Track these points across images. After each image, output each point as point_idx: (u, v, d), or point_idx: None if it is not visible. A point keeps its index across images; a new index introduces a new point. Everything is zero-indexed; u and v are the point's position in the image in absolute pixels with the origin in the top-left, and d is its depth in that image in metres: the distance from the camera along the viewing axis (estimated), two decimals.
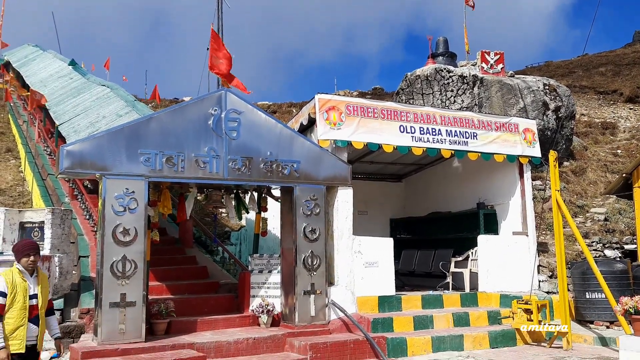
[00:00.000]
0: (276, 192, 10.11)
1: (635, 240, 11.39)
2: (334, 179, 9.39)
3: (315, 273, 8.87)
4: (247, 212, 10.68)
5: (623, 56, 38.56)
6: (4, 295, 4.67)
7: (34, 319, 4.83)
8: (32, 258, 4.88)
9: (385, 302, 9.67)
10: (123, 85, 17.85)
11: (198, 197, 10.30)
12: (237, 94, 8.96)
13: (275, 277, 9.32)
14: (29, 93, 18.94)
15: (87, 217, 11.98)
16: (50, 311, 5.15)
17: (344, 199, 9.70)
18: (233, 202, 10.20)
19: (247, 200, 10.50)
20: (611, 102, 27.74)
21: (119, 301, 7.31)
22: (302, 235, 8.87)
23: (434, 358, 8.30)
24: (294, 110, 13.56)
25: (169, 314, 8.14)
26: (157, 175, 7.89)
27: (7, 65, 29.53)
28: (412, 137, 10.55)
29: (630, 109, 26.61)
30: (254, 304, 9.07)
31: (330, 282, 9.31)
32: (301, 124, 10.49)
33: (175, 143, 8.03)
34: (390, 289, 9.93)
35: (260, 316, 8.86)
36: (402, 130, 10.47)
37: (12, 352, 4.63)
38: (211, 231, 12.14)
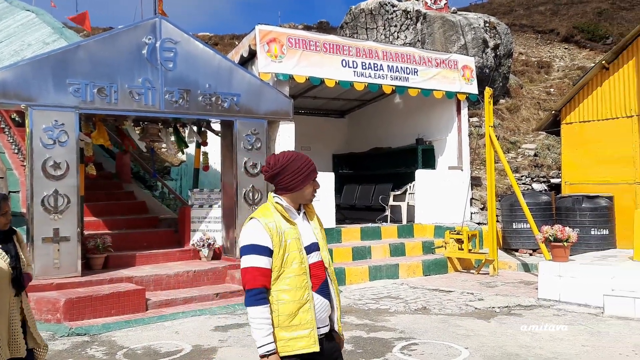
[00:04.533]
0: (216, 126, 9.93)
1: (560, 175, 12.07)
2: (275, 113, 9.29)
3: (256, 207, 8.91)
4: (187, 147, 10.48)
5: None
6: None
7: None
8: None
9: (326, 235, 9.90)
10: (52, 12, 16.59)
11: (136, 131, 9.98)
12: (173, 23, 8.55)
13: (216, 212, 9.32)
14: None
15: (16, 151, 11.41)
16: None
17: (286, 134, 9.68)
18: (172, 137, 9.95)
19: (186, 134, 10.28)
20: (548, 41, 28.42)
21: (52, 236, 7.13)
22: (243, 170, 8.83)
23: (370, 286, 8.69)
24: (237, 43, 13.13)
25: (106, 248, 8.05)
26: (89, 107, 7.55)
27: None
28: (354, 72, 10.51)
29: (566, 48, 27.42)
30: (195, 238, 9.09)
31: None
32: (241, 56, 10.22)
33: (107, 73, 7.65)
34: (330, 222, 10.16)
35: (201, 250, 8.91)
36: (344, 64, 10.40)
37: None
38: (150, 166, 11.87)
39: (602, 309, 6.64)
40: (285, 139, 9.58)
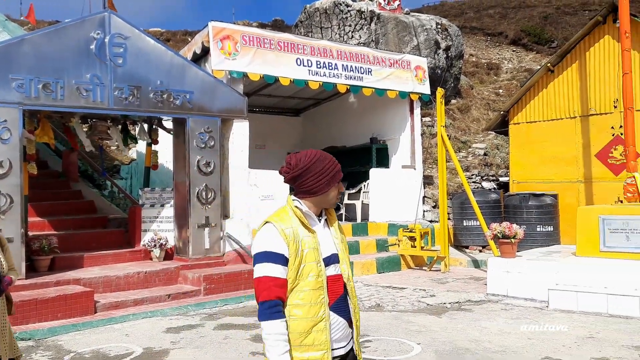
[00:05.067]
0: (168, 124, 9.74)
1: (509, 173, 12.46)
2: (229, 111, 9.20)
3: (209, 206, 8.81)
4: (136, 144, 10.23)
5: (510, 0, 40.45)
6: None
7: None
8: None
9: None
10: None
11: (84, 129, 9.65)
12: (123, 18, 8.32)
13: (168, 211, 9.15)
14: None
15: None
16: None
17: (240, 132, 9.59)
18: (121, 134, 9.70)
19: (136, 132, 10.03)
20: (497, 43, 29.27)
21: None
22: (196, 169, 8.70)
23: None
24: (189, 39, 12.91)
25: (52, 250, 7.76)
26: (33, 103, 7.26)
27: None
28: (309, 70, 10.52)
29: (514, 51, 28.32)
30: (146, 238, 8.88)
31: (226, 215, 9.31)
32: (194, 53, 10.05)
33: (53, 68, 7.38)
34: None
35: (152, 250, 8.72)
36: (299, 63, 10.39)
37: None
38: (98, 164, 11.52)
39: (547, 302, 6.90)
40: (239, 137, 9.50)
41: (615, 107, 10.31)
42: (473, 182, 13.70)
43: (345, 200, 12.31)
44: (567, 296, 6.72)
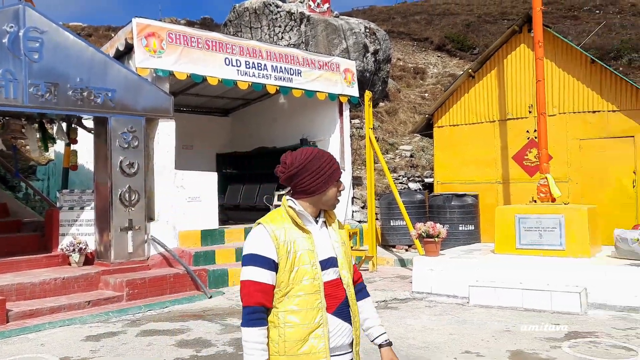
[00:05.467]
0: (89, 123, 9.32)
1: (433, 174, 12.89)
2: (154, 110, 8.93)
3: (133, 209, 8.51)
4: (53, 144, 9.72)
5: (436, 7, 41.92)
6: None
7: None
8: None
9: (208, 236, 9.71)
10: None
11: None
12: (39, 11, 7.88)
13: (89, 214, 8.75)
14: None
15: None
16: None
17: (165, 132, 9.33)
18: (37, 133, 9.18)
19: (54, 131, 9.53)
20: (423, 49, 30.22)
21: None
22: (118, 169, 8.38)
23: None
24: (113, 35, 12.41)
25: None
26: None
27: None
28: (238, 70, 10.40)
29: (439, 56, 29.35)
30: (64, 242, 8.45)
31: (151, 218, 9.03)
32: (117, 50, 9.68)
33: None
34: (213, 223, 9.97)
35: (71, 255, 8.30)
36: (227, 62, 10.25)
37: None
38: (12, 165, 10.84)
39: (468, 299, 7.19)
40: (164, 137, 9.24)
41: (530, 112, 10.91)
42: (400, 182, 14.08)
43: (275, 202, 12.27)
44: (486, 292, 7.04)
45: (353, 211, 12.29)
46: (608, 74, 10.27)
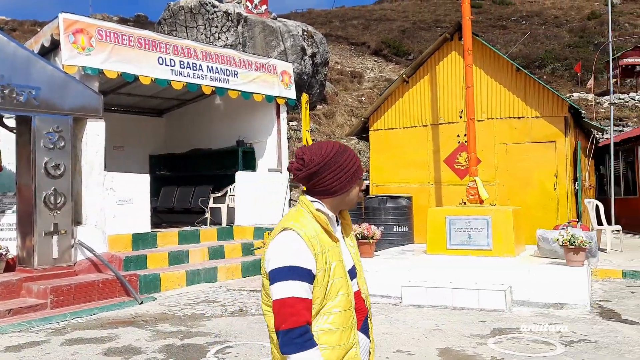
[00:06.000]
0: (11, 122, 8.82)
1: (369, 177, 13.11)
2: (82, 110, 8.57)
3: (59, 212, 8.12)
4: None
5: (373, 12, 42.74)
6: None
7: None
8: None
9: (139, 240, 9.43)
10: None
11: None
12: None
13: (10, 218, 8.28)
14: None
15: None
16: None
17: (94, 132, 8.98)
18: None
19: None
20: (360, 53, 30.71)
21: None
22: (43, 171, 7.97)
23: (188, 291, 8.48)
24: (39, 30, 11.84)
25: None
26: None
27: None
28: (172, 70, 10.18)
29: (375, 61, 29.92)
30: None
31: (78, 222, 8.66)
32: (42, 46, 9.24)
33: None
34: (145, 227, 9.69)
35: None
36: (160, 62, 10.01)
37: None
38: None
39: (401, 299, 7.36)
40: (93, 137, 8.88)
41: (460, 117, 11.31)
42: None
43: (211, 204, 12.09)
44: (417, 292, 7.22)
45: None
46: (532, 82, 10.80)
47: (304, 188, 1.92)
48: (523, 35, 29.46)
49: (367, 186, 13.42)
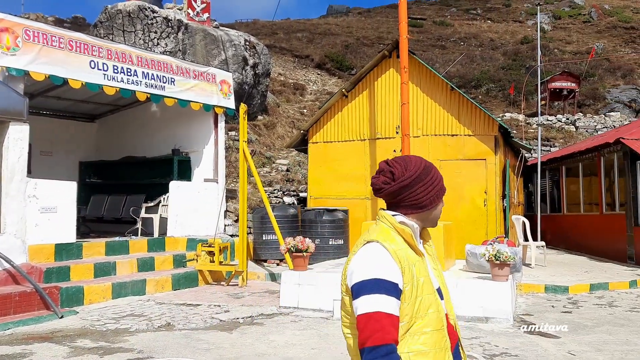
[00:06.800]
0: None
1: (307, 189, 13.11)
2: (4, 112, 8.13)
3: None
4: None
5: (317, 26, 43.18)
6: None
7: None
8: None
9: (63, 250, 8.98)
10: None
11: None
12: None
13: None
14: None
15: None
16: None
17: (17, 137, 8.51)
18: None
19: None
20: (304, 65, 30.89)
21: None
22: None
23: (113, 304, 8.13)
24: None
25: None
26: None
27: None
28: (105, 75, 9.82)
29: (318, 74, 30.16)
30: None
31: None
32: None
33: None
34: (70, 236, 9.24)
35: None
36: (92, 66, 9.64)
37: None
38: None
39: (332, 312, 7.34)
40: (15, 141, 8.41)
41: (397, 132, 11.53)
42: (275, 197, 14.14)
43: (142, 214, 11.69)
44: None
45: (226, 225, 12.08)
46: (465, 101, 11.17)
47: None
48: (460, 55, 30.58)
49: (306, 198, 13.42)
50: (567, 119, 23.57)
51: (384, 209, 1.84)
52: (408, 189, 1.78)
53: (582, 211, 14.52)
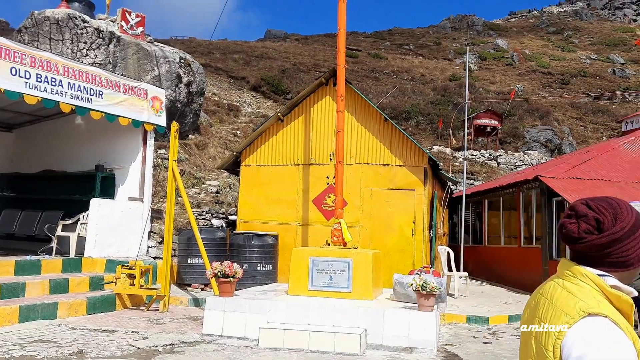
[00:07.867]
0: None
1: (237, 212, 12.84)
2: None
3: None
4: None
5: (255, 48, 43.25)
6: None
7: None
8: None
9: None
10: None
11: None
12: None
13: None
14: None
15: None
16: None
17: None
18: None
19: None
20: (239, 87, 30.72)
21: None
22: None
23: (20, 329, 7.49)
24: None
25: None
26: None
27: None
28: (27, 83, 9.26)
29: (254, 96, 30.06)
30: None
31: None
32: None
33: None
34: None
35: None
36: (14, 73, 9.06)
37: None
38: None
39: (257, 341, 7.12)
40: None
41: (331, 159, 11.58)
42: (203, 219, 13.75)
43: (58, 232, 10.98)
44: (275, 334, 7.05)
45: (149, 246, 11.58)
46: (397, 132, 11.43)
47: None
48: (393, 88, 31.53)
49: (235, 221, 13.13)
50: (490, 154, 24.74)
51: (576, 263, 1.50)
52: (618, 242, 1.45)
53: (502, 244, 15.15)
